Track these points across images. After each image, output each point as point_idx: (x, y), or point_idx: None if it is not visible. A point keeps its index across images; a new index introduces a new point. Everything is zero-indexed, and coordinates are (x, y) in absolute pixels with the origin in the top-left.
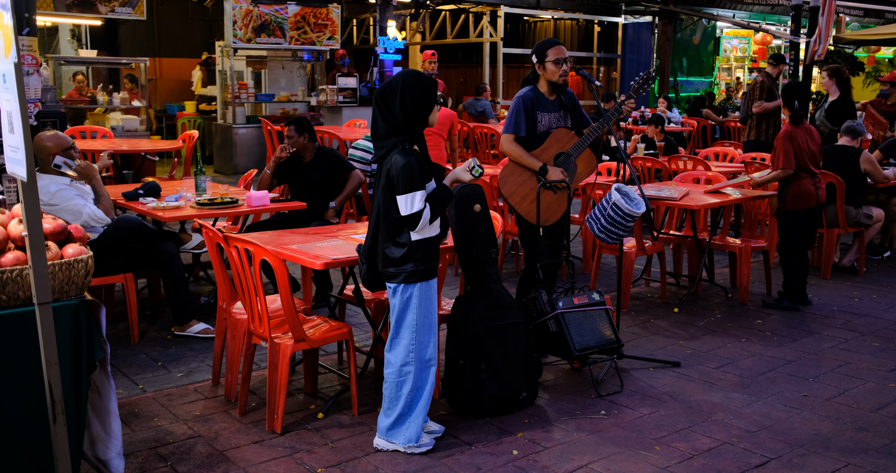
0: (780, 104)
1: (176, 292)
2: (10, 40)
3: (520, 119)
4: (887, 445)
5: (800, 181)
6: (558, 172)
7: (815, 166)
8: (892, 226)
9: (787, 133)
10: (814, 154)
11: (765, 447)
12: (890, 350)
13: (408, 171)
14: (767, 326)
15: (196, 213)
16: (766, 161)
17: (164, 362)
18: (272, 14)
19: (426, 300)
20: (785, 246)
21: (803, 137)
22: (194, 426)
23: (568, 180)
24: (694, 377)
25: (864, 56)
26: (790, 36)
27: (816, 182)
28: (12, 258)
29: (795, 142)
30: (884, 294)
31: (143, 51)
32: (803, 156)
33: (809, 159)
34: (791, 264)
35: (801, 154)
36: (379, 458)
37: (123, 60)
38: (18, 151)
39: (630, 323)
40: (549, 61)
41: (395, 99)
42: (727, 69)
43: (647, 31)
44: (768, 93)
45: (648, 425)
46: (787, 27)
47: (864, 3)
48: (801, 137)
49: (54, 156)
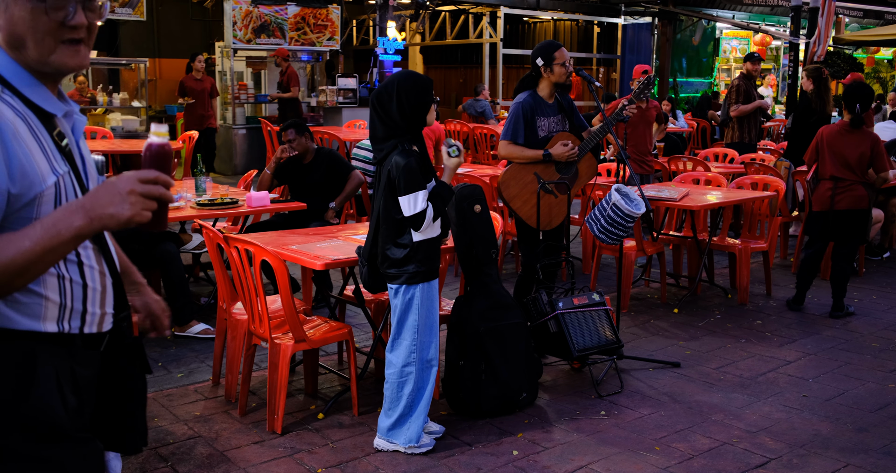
0: (757, 105)
1: (176, 293)
2: None
3: (518, 126)
4: (887, 445)
5: (819, 184)
6: (560, 146)
7: (839, 173)
8: (891, 227)
9: (822, 133)
10: (846, 161)
11: (765, 447)
12: (889, 351)
13: (408, 171)
14: (767, 327)
15: (196, 213)
16: (766, 162)
17: (164, 362)
18: (272, 15)
19: (428, 301)
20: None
21: (841, 140)
22: (194, 426)
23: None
24: (694, 377)
25: (864, 57)
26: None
27: (836, 189)
28: None
29: (824, 143)
30: (883, 295)
31: (142, 51)
32: (830, 159)
33: (836, 164)
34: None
35: (826, 157)
36: (379, 458)
37: (123, 61)
38: None
39: (630, 324)
40: (558, 63)
41: (392, 101)
42: (727, 70)
43: (646, 32)
44: (745, 95)
45: (648, 425)
46: (786, 28)
47: (863, 3)
48: (838, 140)
49: None
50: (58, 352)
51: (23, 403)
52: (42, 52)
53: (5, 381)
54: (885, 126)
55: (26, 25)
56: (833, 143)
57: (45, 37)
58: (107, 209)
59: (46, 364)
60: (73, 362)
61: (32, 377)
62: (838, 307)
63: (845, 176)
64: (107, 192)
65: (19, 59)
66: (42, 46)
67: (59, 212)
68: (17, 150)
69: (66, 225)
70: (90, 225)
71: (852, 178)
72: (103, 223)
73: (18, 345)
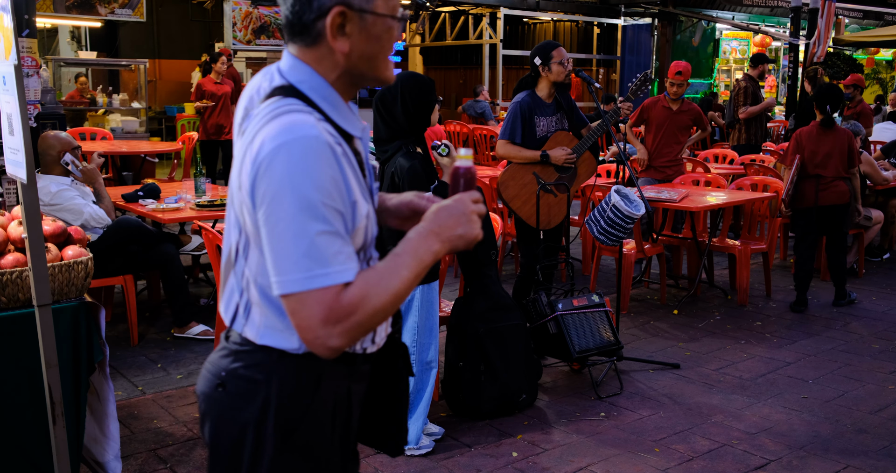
0: (765, 106)
1: (175, 294)
2: (11, 42)
3: (516, 126)
4: (887, 447)
5: (802, 182)
6: (559, 150)
7: (821, 170)
8: (891, 228)
9: (799, 133)
10: (823, 160)
11: (764, 449)
12: (889, 352)
13: (412, 174)
14: (767, 328)
15: (196, 214)
16: (766, 163)
17: (163, 363)
18: (272, 16)
19: (428, 303)
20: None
21: (818, 140)
22: (194, 428)
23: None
24: (693, 378)
25: (864, 58)
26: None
27: (819, 186)
28: (12, 260)
29: (802, 143)
30: (883, 296)
31: (142, 52)
32: (809, 159)
33: (814, 163)
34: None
35: (806, 156)
36: (378, 460)
37: (123, 62)
38: (18, 152)
39: (629, 325)
40: (556, 62)
41: (396, 102)
42: (727, 71)
43: (646, 33)
44: (752, 97)
45: (648, 427)
46: (786, 29)
47: (863, 4)
48: (815, 139)
49: (63, 153)
50: (340, 372)
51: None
52: (384, 69)
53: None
54: (884, 127)
55: (381, 44)
56: (809, 143)
57: (389, 53)
58: (455, 231)
59: (328, 389)
60: (351, 380)
61: (322, 403)
62: (841, 295)
63: (825, 174)
64: (450, 215)
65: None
66: (386, 63)
67: (413, 240)
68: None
69: (426, 251)
70: (444, 248)
71: (831, 175)
72: (453, 245)
73: (314, 368)
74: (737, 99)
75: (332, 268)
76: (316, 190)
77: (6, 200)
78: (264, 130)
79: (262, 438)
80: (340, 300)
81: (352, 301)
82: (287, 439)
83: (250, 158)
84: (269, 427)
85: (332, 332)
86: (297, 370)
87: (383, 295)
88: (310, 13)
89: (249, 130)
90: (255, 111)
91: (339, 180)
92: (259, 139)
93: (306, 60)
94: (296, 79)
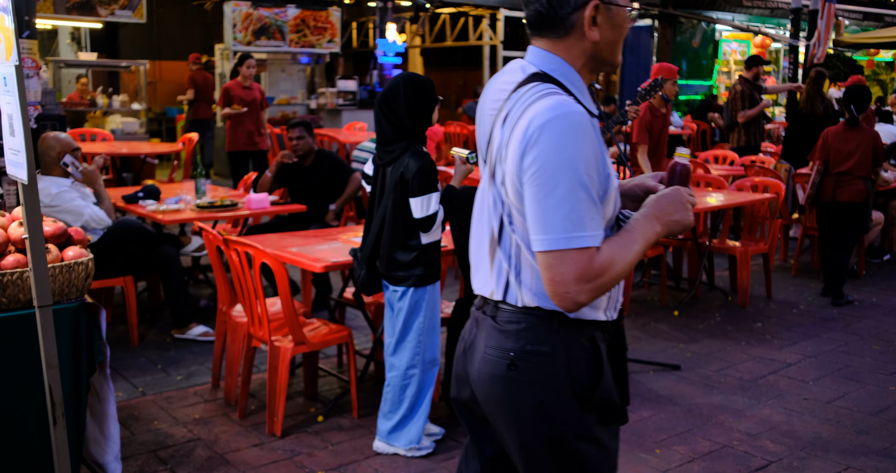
0: (763, 107)
1: (176, 295)
2: (11, 43)
3: None
4: (887, 448)
5: (823, 178)
6: None
7: (842, 168)
8: (891, 229)
9: (827, 132)
10: (847, 158)
11: (765, 450)
12: (890, 353)
13: (424, 173)
14: (768, 329)
15: (196, 216)
16: (766, 164)
17: (163, 365)
18: (272, 17)
19: (432, 303)
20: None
21: (843, 138)
22: (194, 429)
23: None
24: (694, 380)
25: (864, 59)
26: (789, 39)
27: (838, 182)
28: (12, 261)
29: (829, 141)
30: (884, 297)
31: (142, 54)
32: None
33: (838, 160)
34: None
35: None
36: (379, 461)
37: (123, 63)
38: (19, 153)
39: (630, 326)
40: None
41: (400, 103)
42: (727, 72)
43: (646, 35)
44: (749, 100)
45: (648, 428)
46: (786, 30)
47: (863, 6)
48: (841, 138)
49: (63, 154)
50: (601, 336)
51: (597, 387)
52: (619, 54)
53: (583, 366)
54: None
55: (621, 31)
56: (835, 141)
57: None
58: (673, 216)
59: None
60: (608, 346)
61: (601, 363)
62: (838, 295)
63: (847, 171)
64: (669, 202)
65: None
66: (620, 49)
67: (639, 220)
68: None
69: (651, 231)
70: (663, 230)
71: (853, 173)
72: (671, 229)
73: (586, 333)
74: (734, 103)
75: (588, 232)
76: (580, 160)
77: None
78: (532, 108)
79: (564, 404)
80: (593, 262)
81: (602, 264)
82: (585, 400)
83: (519, 133)
84: (567, 392)
85: (582, 289)
86: (576, 337)
87: (623, 263)
88: (566, 7)
89: (514, 112)
90: (515, 96)
91: (599, 153)
92: (528, 116)
93: (555, 51)
94: (549, 68)
